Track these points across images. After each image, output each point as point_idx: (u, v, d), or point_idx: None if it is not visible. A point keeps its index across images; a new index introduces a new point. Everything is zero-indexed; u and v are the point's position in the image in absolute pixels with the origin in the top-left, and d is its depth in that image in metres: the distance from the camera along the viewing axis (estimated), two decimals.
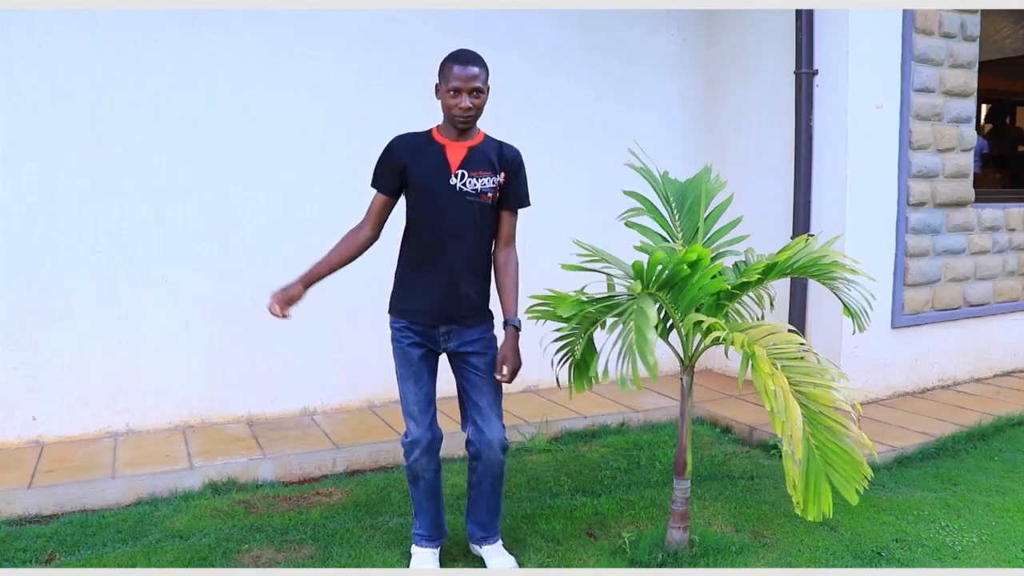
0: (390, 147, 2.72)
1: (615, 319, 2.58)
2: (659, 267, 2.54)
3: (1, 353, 3.93)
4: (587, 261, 2.85)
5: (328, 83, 4.44)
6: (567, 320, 2.72)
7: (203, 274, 4.27)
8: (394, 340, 2.80)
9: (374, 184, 2.76)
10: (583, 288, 2.74)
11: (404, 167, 2.68)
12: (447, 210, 2.66)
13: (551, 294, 2.68)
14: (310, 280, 2.76)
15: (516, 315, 2.78)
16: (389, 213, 2.77)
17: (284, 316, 2.69)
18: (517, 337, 2.74)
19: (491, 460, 2.77)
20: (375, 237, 2.79)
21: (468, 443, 2.82)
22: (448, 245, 2.67)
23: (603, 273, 2.84)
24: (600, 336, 2.73)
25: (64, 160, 3.96)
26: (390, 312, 2.82)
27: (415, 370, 2.76)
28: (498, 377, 2.73)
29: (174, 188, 4.17)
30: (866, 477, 2.46)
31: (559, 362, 2.97)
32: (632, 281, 2.61)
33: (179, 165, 4.17)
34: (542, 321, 2.77)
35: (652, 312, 2.37)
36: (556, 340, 2.93)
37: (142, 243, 4.15)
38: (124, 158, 4.06)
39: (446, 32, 4.62)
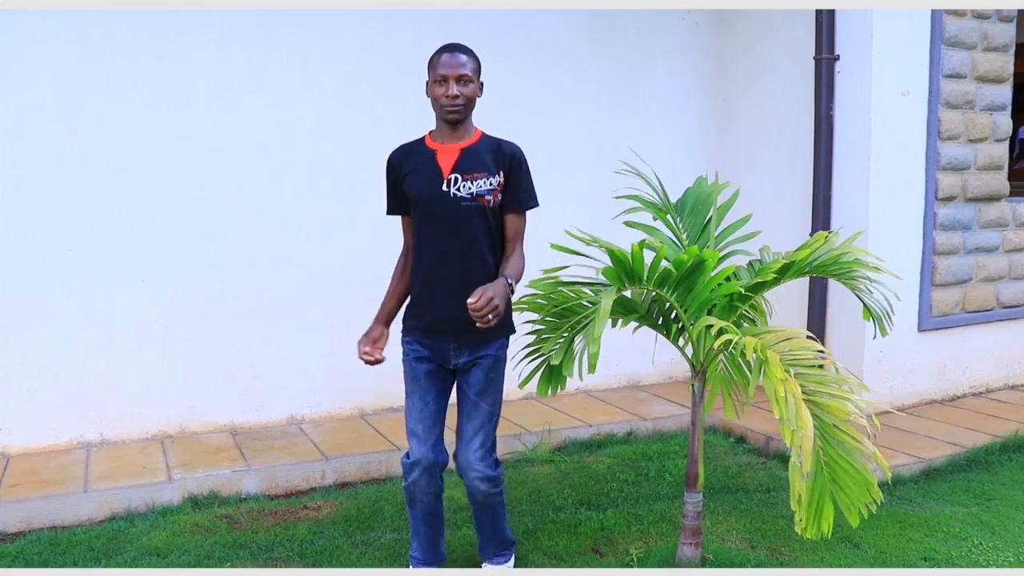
0: (387, 164, 2.76)
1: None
2: (648, 260, 2.54)
3: None
4: (583, 247, 2.85)
5: (318, 80, 4.44)
6: (546, 311, 2.75)
7: (183, 275, 4.27)
8: (403, 355, 2.80)
9: (389, 212, 2.82)
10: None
11: (400, 181, 2.70)
12: (444, 219, 2.63)
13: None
14: (386, 317, 2.82)
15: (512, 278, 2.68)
16: None
17: (379, 358, 2.69)
18: (506, 287, 2.53)
19: (470, 487, 2.75)
20: None
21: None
22: (451, 256, 2.64)
23: (591, 258, 2.82)
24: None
25: (36, 154, 3.96)
26: (402, 331, 2.81)
27: (421, 385, 2.73)
28: (468, 302, 2.38)
29: (153, 186, 4.17)
30: (876, 501, 2.45)
31: (525, 359, 2.98)
32: (606, 268, 2.60)
33: (159, 162, 4.17)
34: None
35: (608, 302, 2.40)
36: (531, 332, 2.94)
37: (119, 242, 4.15)
38: (100, 154, 4.07)
39: (441, 22, 4.63)
